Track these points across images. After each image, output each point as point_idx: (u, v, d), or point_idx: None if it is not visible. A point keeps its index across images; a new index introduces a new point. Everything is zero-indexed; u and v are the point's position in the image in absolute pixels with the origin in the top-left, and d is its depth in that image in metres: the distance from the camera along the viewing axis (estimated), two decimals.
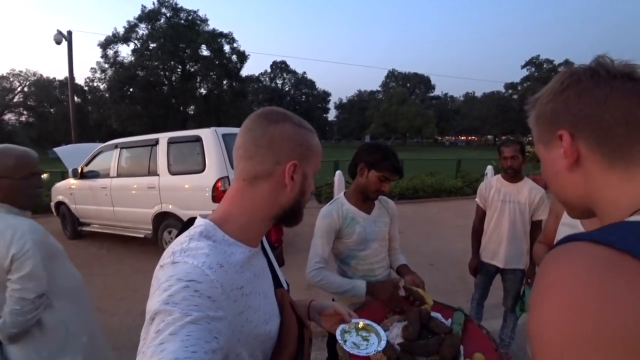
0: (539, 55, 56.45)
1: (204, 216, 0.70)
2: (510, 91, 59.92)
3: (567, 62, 53.81)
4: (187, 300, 0.53)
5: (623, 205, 0.47)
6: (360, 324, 0.98)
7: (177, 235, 0.69)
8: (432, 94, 77.39)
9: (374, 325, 0.99)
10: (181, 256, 0.59)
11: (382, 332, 0.96)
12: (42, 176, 1.43)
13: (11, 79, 44.30)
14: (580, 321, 0.34)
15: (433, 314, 1.38)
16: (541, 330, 0.38)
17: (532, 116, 0.59)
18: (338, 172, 7.47)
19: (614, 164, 0.48)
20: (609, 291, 0.34)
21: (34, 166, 1.37)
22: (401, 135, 59.59)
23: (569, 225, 1.24)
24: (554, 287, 0.38)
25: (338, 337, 0.91)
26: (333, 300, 1.64)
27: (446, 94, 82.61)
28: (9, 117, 46.03)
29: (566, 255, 0.40)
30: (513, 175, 2.34)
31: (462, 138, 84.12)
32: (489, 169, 8.83)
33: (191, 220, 0.72)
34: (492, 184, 2.47)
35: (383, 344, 0.92)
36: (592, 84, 0.50)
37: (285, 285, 0.86)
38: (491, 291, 2.67)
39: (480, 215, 2.57)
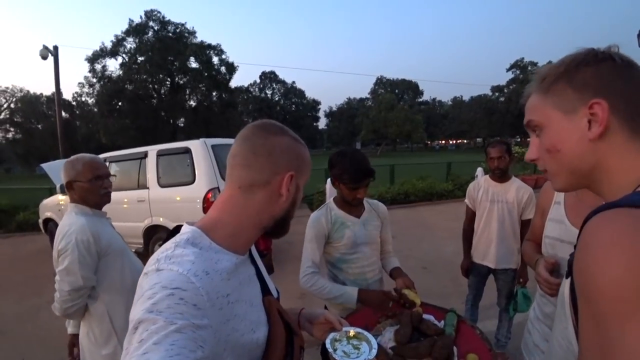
0: (523, 58, 57.48)
1: (190, 223, 0.69)
2: (496, 94, 60.85)
3: (550, 64, 55.03)
4: (172, 309, 0.52)
5: (637, 174, 0.54)
6: (351, 332, 0.97)
7: (163, 243, 0.68)
8: (420, 99, 78.18)
9: (365, 333, 0.98)
10: (166, 263, 0.58)
11: (373, 341, 0.95)
12: (110, 178, 1.64)
13: None
14: None
15: (425, 316, 1.38)
16: (613, 284, 0.44)
17: (545, 84, 0.62)
18: (329, 180, 7.46)
19: (636, 136, 0.55)
20: None
21: (97, 169, 1.57)
22: (391, 141, 59.94)
23: (555, 221, 1.25)
24: (618, 245, 0.44)
25: (328, 345, 0.90)
26: (325, 307, 1.63)
27: (434, 99, 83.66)
28: None
29: (620, 218, 0.47)
30: (500, 175, 2.37)
31: (452, 142, 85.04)
32: (479, 170, 8.90)
33: (179, 228, 0.71)
34: (480, 184, 2.50)
35: (374, 352, 0.91)
36: (625, 64, 0.56)
37: (275, 293, 0.85)
38: (486, 292, 2.68)
39: (470, 216, 2.59)
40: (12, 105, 44.11)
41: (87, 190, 1.53)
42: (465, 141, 78.41)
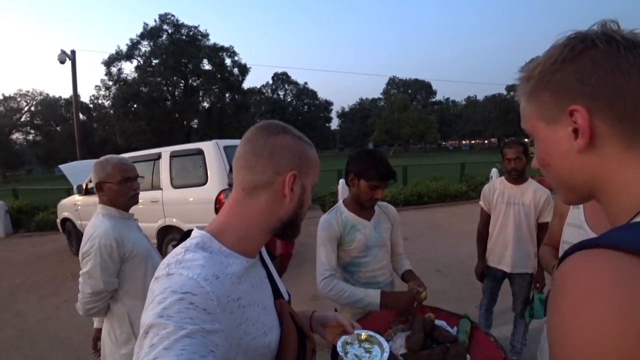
0: (538, 56, 55.72)
1: (200, 227, 0.69)
2: (511, 93, 59.73)
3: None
4: (182, 313, 0.52)
5: (637, 192, 0.43)
6: (363, 335, 0.96)
7: (174, 247, 0.68)
8: (433, 99, 77.40)
9: (377, 336, 0.97)
10: (176, 268, 0.58)
11: (385, 344, 0.94)
12: (137, 180, 1.64)
13: (18, 99, 45.22)
14: (622, 336, 0.32)
15: (438, 322, 1.35)
16: (580, 355, 0.35)
17: (526, 89, 0.52)
18: (341, 181, 7.47)
19: (635, 143, 0.43)
20: None
21: (126, 172, 1.58)
22: (404, 141, 59.50)
23: (574, 226, 1.21)
24: (590, 304, 0.34)
25: (339, 349, 0.89)
26: (336, 310, 1.61)
27: (448, 99, 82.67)
28: (17, 136, 46.87)
29: (596, 266, 0.36)
30: (517, 177, 2.32)
31: (465, 142, 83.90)
32: (494, 171, 8.77)
33: (189, 232, 0.71)
34: (496, 186, 2.45)
35: (386, 355, 0.90)
36: (612, 50, 0.43)
37: (286, 296, 0.85)
38: (501, 296, 2.63)
39: (485, 218, 2.54)
40: (32, 109, 45.52)
41: (116, 192, 1.55)
42: (479, 141, 77.25)
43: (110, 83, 33.84)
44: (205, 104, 36.83)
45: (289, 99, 66.67)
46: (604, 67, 0.43)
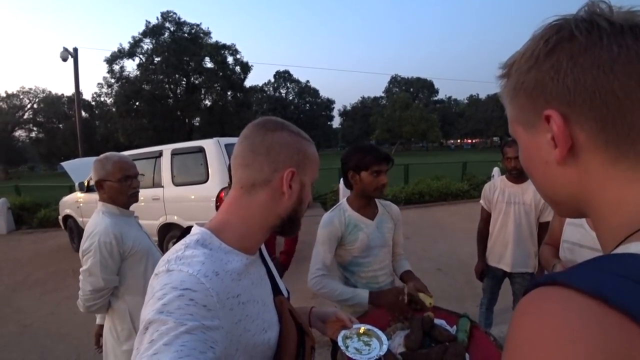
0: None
1: (200, 224, 0.70)
2: None
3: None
4: (182, 310, 0.52)
5: (629, 212, 0.36)
6: (362, 329, 0.98)
7: (174, 244, 0.69)
8: (435, 98, 77.25)
9: (375, 330, 0.99)
10: (176, 264, 0.58)
11: (383, 337, 0.96)
12: (138, 177, 1.65)
13: (21, 97, 45.28)
14: None
15: (437, 321, 1.34)
16: None
17: (505, 88, 0.45)
18: (342, 180, 7.47)
19: (622, 155, 0.36)
20: None
21: (126, 170, 1.59)
22: (406, 140, 59.42)
23: (574, 225, 1.21)
24: (534, 353, 0.29)
25: (340, 343, 0.91)
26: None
27: (450, 97, 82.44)
28: (19, 133, 46.95)
29: (548, 308, 0.31)
30: (517, 176, 2.31)
31: (467, 141, 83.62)
32: (496, 170, 8.75)
33: (189, 229, 0.72)
34: (496, 185, 2.44)
35: (385, 348, 0.92)
36: (591, 41, 0.36)
37: (285, 293, 0.85)
38: (502, 295, 2.62)
39: (485, 217, 2.54)
40: (35, 106, 45.59)
41: (116, 190, 1.56)
42: (481, 140, 77.06)
43: (113, 81, 33.87)
44: (207, 102, 36.81)
45: (290, 97, 66.63)
46: (581, 64, 0.36)
